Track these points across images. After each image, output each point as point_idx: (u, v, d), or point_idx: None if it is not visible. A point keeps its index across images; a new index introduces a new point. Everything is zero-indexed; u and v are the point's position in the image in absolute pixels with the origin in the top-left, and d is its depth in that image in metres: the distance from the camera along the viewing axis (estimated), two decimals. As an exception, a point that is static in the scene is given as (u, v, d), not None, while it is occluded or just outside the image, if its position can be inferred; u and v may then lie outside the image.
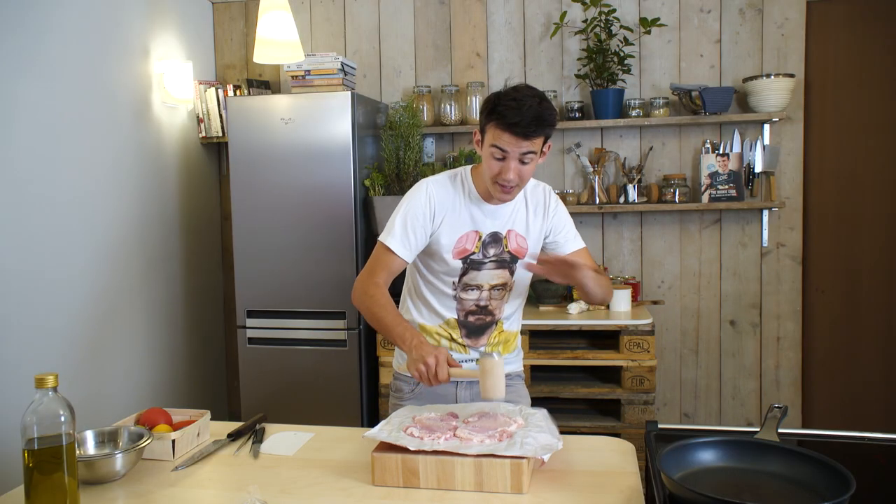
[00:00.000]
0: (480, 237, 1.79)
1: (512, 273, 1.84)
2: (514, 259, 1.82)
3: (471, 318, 1.84)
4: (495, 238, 1.80)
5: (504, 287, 1.83)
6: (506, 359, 1.89)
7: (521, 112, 1.59)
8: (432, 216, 1.77)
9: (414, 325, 1.86)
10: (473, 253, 1.79)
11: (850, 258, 3.42)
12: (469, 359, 1.87)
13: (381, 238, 1.79)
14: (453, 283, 1.81)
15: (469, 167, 1.84)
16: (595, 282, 1.71)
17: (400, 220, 1.77)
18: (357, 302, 1.79)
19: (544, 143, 1.69)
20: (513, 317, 1.92)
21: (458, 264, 1.79)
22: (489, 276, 1.81)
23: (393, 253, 1.76)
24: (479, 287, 1.81)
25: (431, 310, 1.86)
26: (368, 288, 1.76)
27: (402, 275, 1.94)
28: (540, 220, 1.84)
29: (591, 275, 1.69)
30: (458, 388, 1.87)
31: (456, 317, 1.84)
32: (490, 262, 1.80)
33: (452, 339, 1.86)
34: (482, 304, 1.83)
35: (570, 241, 1.88)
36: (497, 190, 1.71)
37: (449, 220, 1.78)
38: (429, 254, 1.81)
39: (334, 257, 3.12)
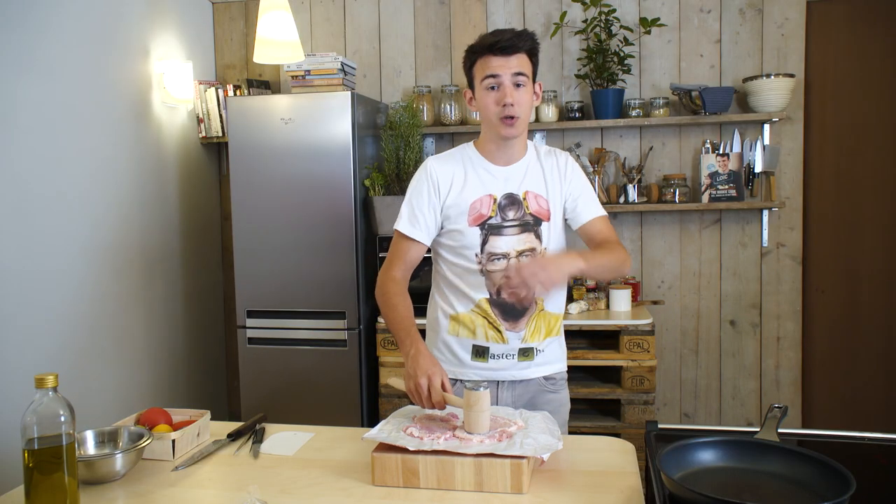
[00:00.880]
0: (495, 200, 1.72)
1: (539, 237, 1.73)
2: (539, 221, 1.73)
3: (504, 295, 1.71)
4: (512, 200, 1.73)
5: (534, 253, 1.72)
6: (546, 353, 1.78)
7: (499, 33, 1.67)
8: (437, 190, 1.74)
9: (444, 320, 1.78)
10: (490, 217, 1.72)
11: (850, 258, 3.42)
12: (505, 351, 1.74)
13: (394, 226, 1.78)
14: (476, 255, 1.72)
15: (472, 141, 1.83)
16: (597, 269, 1.65)
17: (406, 204, 1.77)
18: (377, 296, 1.76)
19: (534, 73, 1.71)
20: (554, 296, 1.78)
21: (476, 231, 1.71)
22: (513, 241, 1.71)
23: (405, 237, 1.74)
24: (505, 255, 1.71)
25: (459, 294, 1.75)
26: (385, 284, 1.74)
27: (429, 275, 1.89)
28: (558, 183, 1.77)
29: (585, 263, 1.59)
30: (499, 388, 1.78)
31: (487, 296, 1.73)
32: (511, 225, 1.72)
33: (489, 324, 1.73)
34: None
35: (588, 207, 1.78)
36: (500, 125, 1.68)
37: (457, 187, 1.73)
38: (445, 230, 1.75)
39: (334, 257, 3.12)
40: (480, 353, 1.76)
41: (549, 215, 1.75)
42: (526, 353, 1.77)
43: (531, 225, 1.73)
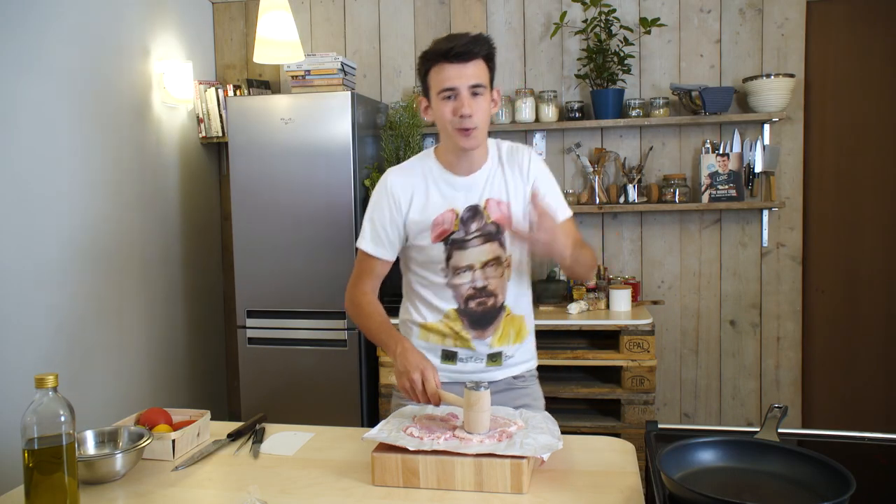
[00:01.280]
0: (457, 214, 1.70)
1: (503, 245, 1.71)
2: (501, 229, 1.71)
3: (472, 304, 1.72)
4: (474, 212, 1.70)
5: (499, 262, 1.71)
6: (518, 355, 1.79)
7: (454, 38, 1.60)
8: (398, 206, 1.71)
9: (415, 327, 1.80)
10: (454, 232, 1.69)
11: (850, 258, 3.42)
12: (475, 356, 1.76)
13: (356, 244, 1.79)
14: (442, 269, 1.72)
15: (431, 148, 1.80)
16: (575, 258, 1.61)
17: (367, 221, 1.76)
18: (349, 312, 1.78)
19: (491, 81, 1.66)
20: (520, 298, 1.79)
21: (440, 247, 1.70)
22: (477, 252, 1.70)
23: (369, 255, 1.75)
24: (469, 267, 1.70)
25: (428, 305, 1.76)
26: (355, 298, 1.76)
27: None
28: (521, 185, 1.73)
29: (572, 249, 1.56)
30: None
31: (455, 306, 1.73)
32: (474, 237, 1.70)
33: (457, 335, 1.74)
34: (479, 285, 1.70)
35: (557, 208, 1.73)
36: (458, 137, 1.64)
37: (418, 204, 1.71)
38: (411, 245, 1.75)
39: (334, 257, 3.12)
40: (449, 356, 1.78)
41: (511, 220, 1.72)
42: (494, 358, 1.78)
43: (494, 234, 1.71)
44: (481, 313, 1.73)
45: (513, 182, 1.73)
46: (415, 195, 1.71)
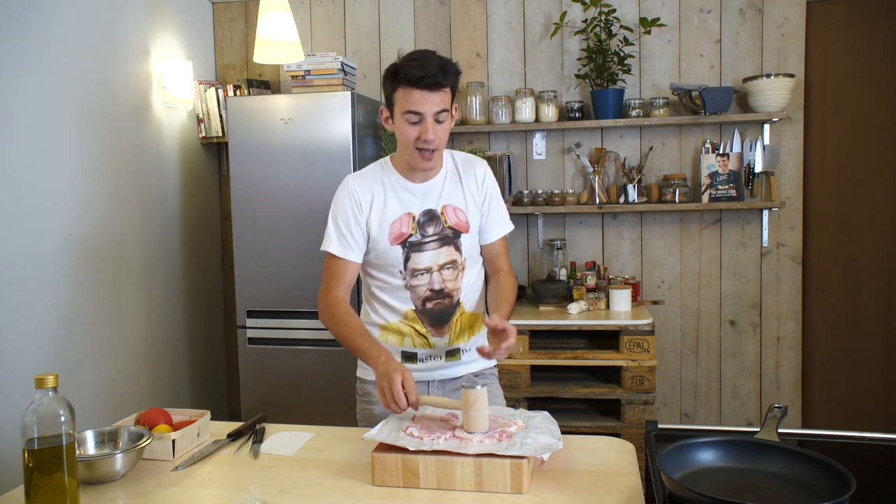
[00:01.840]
0: (414, 218, 1.77)
1: (459, 249, 1.79)
2: (458, 234, 1.79)
3: (429, 305, 1.79)
4: (431, 216, 1.78)
5: (455, 265, 1.79)
6: (472, 352, 1.84)
7: (423, 66, 1.63)
8: (360, 208, 1.77)
9: (375, 329, 1.84)
10: (411, 235, 1.76)
11: (850, 258, 3.42)
12: (433, 353, 1.82)
13: (322, 247, 1.81)
14: (400, 272, 1.78)
15: (388, 156, 1.86)
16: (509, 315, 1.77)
17: (332, 224, 1.80)
18: (324, 321, 1.79)
19: (452, 101, 1.72)
20: (474, 297, 1.87)
21: (398, 249, 1.76)
22: (434, 255, 1.77)
23: (337, 257, 1.78)
24: (427, 270, 1.77)
25: (387, 307, 1.82)
26: (329, 306, 1.77)
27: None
28: (477, 196, 1.83)
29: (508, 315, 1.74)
30: (430, 388, 1.84)
31: (413, 307, 1.80)
32: (431, 241, 1.77)
33: (417, 333, 1.81)
34: (436, 287, 1.78)
35: (497, 227, 1.86)
36: (418, 158, 1.71)
37: (377, 207, 1.77)
38: (369, 248, 1.79)
39: (334, 257, 3.11)
40: (409, 357, 1.84)
41: (468, 227, 1.81)
42: (452, 353, 1.85)
43: (451, 238, 1.79)
44: (438, 311, 1.81)
45: (469, 191, 1.82)
46: (374, 199, 1.78)
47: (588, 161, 3.49)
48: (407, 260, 1.77)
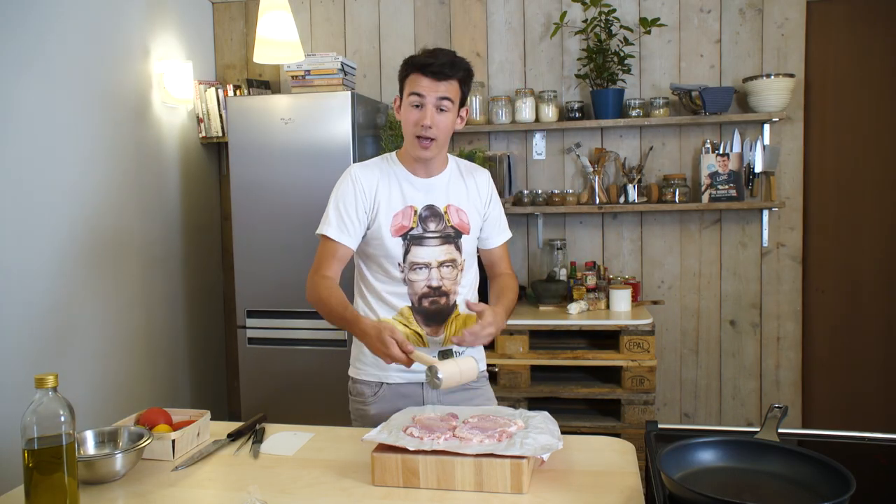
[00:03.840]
0: (416, 211, 1.78)
1: (459, 249, 1.81)
2: (459, 234, 1.81)
3: (425, 303, 1.80)
4: (433, 211, 1.80)
5: (454, 264, 1.81)
6: (468, 351, 1.83)
7: (435, 56, 1.72)
8: (364, 195, 1.78)
9: None
10: (412, 228, 1.78)
11: (850, 258, 3.42)
12: (428, 352, 1.80)
13: (318, 231, 1.80)
14: (399, 264, 1.78)
15: (394, 151, 1.88)
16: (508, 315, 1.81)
17: (332, 208, 1.79)
18: (310, 301, 1.78)
19: (461, 100, 1.76)
20: (466, 297, 1.87)
21: (399, 242, 1.77)
22: (435, 252, 1.78)
23: (332, 240, 1.77)
24: (426, 265, 1.78)
25: (382, 302, 1.81)
26: (317, 283, 1.76)
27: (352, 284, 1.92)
28: (480, 202, 1.87)
29: (504, 318, 1.77)
30: (425, 388, 1.84)
31: (409, 304, 1.80)
32: (432, 237, 1.79)
33: (411, 331, 1.81)
34: (434, 284, 1.79)
35: (499, 234, 1.93)
36: (416, 146, 1.74)
37: (380, 198, 1.78)
38: (370, 238, 1.79)
39: (334, 257, 3.11)
40: None
41: (469, 229, 1.84)
42: (446, 354, 1.83)
43: (452, 237, 1.81)
44: (434, 311, 1.82)
45: (472, 195, 1.86)
46: (378, 189, 1.79)
47: (588, 161, 3.49)
48: (407, 253, 1.78)
